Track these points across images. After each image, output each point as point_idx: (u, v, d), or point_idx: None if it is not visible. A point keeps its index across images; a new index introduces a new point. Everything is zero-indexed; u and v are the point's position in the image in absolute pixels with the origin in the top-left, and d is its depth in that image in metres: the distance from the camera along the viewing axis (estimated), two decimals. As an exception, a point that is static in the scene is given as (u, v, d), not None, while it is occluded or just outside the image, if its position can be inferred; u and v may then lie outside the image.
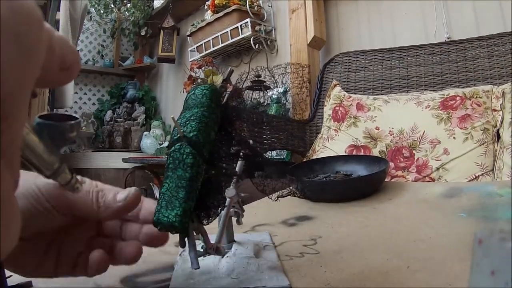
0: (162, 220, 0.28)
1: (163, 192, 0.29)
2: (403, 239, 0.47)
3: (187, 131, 0.30)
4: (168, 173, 0.29)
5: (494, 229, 0.16)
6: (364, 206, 0.67)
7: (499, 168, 0.98)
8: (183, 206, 0.28)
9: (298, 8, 1.79)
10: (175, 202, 0.28)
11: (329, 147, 1.30)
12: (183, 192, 0.28)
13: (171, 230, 0.28)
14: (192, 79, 2.16)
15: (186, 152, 0.29)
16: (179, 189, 0.28)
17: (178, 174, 0.29)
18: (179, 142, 0.30)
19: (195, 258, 0.30)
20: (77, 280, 0.38)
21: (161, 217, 0.28)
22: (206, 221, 0.31)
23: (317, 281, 0.35)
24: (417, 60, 1.38)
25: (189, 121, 0.30)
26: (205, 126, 0.30)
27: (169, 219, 0.28)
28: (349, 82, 1.51)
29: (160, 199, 0.29)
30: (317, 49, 1.82)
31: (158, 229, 0.29)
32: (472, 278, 0.16)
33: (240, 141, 0.34)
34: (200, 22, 2.37)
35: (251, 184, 0.44)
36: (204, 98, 0.32)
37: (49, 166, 0.22)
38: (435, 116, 1.14)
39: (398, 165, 1.12)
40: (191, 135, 0.30)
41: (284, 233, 0.53)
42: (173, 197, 0.28)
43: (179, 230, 0.28)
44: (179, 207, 0.28)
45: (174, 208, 0.28)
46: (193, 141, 0.29)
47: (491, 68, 1.21)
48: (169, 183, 0.29)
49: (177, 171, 0.29)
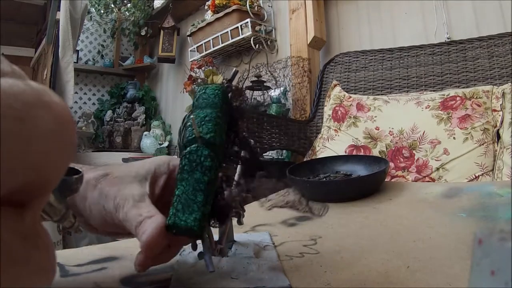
0: (179, 224, 0.27)
1: (179, 195, 0.28)
2: (403, 239, 0.47)
3: (203, 132, 0.29)
4: (183, 175, 0.28)
5: (494, 229, 0.16)
6: (364, 206, 0.67)
7: (499, 168, 0.98)
8: (202, 210, 0.27)
9: (298, 8, 1.79)
10: (194, 206, 0.27)
11: (329, 147, 1.30)
12: (202, 195, 0.27)
13: (188, 234, 0.27)
14: (192, 79, 2.16)
15: (204, 155, 0.28)
16: (197, 193, 0.27)
17: (195, 177, 0.28)
18: (195, 143, 0.29)
19: (210, 261, 0.29)
20: (77, 280, 0.38)
21: (178, 221, 0.27)
22: (218, 225, 0.31)
23: (317, 281, 0.35)
24: (417, 60, 1.38)
25: (204, 122, 0.30)
26: (220, 128, 0.30)
27: (187, 223, 0.27)
28: (349, 82, 1.51)
29: (176, 202, 0.28)
30: (317, 49, 1.82)
31: (174, 233, 0.28)
32: (472, 278, 0.16)
33: (244, 143, 0.34)
34: (200, 22, 2.37)
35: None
36: (217, 98, 0.31)
37: (57, 213, 0.26)
38: (435, 116, 1.14)
39: (398, 165, 1.12)
40: (208, 136, 0.29)
41: (284, 233, 0.53)
42: (191, 200, 0.27)
43: (197, 235, 0.27)
44: (197, 211, 0.27)
45: (193, 212, 0.27)
46: (211, 143, 0.28)
47: (491, 68, 1.21)
48: (185, 186, 0.28)
49: (194, 173, 0.28)
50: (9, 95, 0.12)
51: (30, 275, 0.14)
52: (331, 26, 1.87)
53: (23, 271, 0.14)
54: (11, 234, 0.14)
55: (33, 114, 0.13)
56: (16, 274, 0.14)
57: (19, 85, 0.13)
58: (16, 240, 0.14)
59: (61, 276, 0.39)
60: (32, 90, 0.13)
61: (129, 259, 0.44)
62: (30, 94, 0.13)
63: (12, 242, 0.14)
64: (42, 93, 0.14)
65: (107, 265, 0.42)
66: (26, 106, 0.13)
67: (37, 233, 0.16)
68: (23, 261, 0.14)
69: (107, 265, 0.42)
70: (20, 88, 0.13)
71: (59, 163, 0.15)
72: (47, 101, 0.14)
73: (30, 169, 0.13)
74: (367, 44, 1.70)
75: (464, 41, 1.30)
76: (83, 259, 0.44)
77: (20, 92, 0.13)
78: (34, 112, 0.13)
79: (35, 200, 0.15)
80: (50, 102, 0.14)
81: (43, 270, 0.15)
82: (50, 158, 0.14)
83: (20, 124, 0.12)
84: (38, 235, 0.16)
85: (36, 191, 0.15)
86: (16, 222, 0.14)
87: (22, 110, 0.12)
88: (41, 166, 0.14)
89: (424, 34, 1.53)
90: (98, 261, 0.43)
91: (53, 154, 0.14)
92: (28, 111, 0.13)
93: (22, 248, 0.14)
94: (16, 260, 0.14)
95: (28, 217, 0.15)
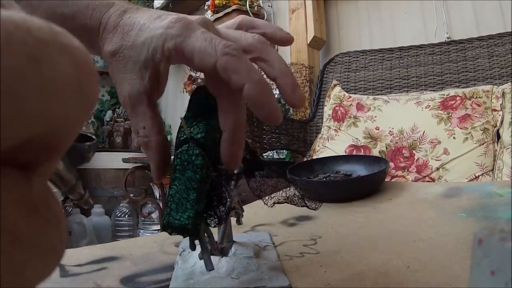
0: (174, 223, 0.27)
1: (172, 195, 0.28)
2: (403, 239, 0.47)
3: (194, 132, 0.29)
4: (175, 175, 0.29)
5: (494, 229, 0.16)
6: (364, 206, 0.67)
7: (499, 168, 0.98)
8: (195, 207, 0.27)
9: (298, 8, 1.79)
10: (186, 204, 0.27)
11: (329, 147, 1.30)
12: (194, 193, 0.28)
13: (183, 232, 0.28)
14: (192, 79, 2.16)
15: (195, 154, 0.28)
16: (189, 191, 0.28)
17: (187, 176, 0.28)
18: (186, 143, 0.29)
19: (209, 260, 0.29)
20: (77, 280, 0.38)
21: (172, 220, 0.27)
22: (214, 224, 0.31)
23: (317, 281, 0.35)
24: (417, 60, 1.38)
25: (196, 123, 0.30)
26: (211, 128, 0.30)
27: (181, 222, 0.27)
28: (349, 82, 1.51)
29: (169, 202, 0.28)
30: (317, 49, 1.82)
31: (169, 232, 0.28)
32: (472, 278, 0.16)
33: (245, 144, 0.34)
34: (200, 22, 2.37)
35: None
36: (210, 99, 0.31)
37: (66, 183, 0.23)
38: (435, 116, 1.14)
39: (398, 165, 1.13)
40: (198, 136, 0.29)
41: (284, 233, 0.53)
42: (183, 199, 0.28)
43: (192, 232, 0.28)
44: (191, 209, 0.27)
45: (186, 211, 0.27)
46: (201, 143, 0.29)
47: (491, 68, 1.21)
48: (177, 185, 0.28)
49: (186, 172, 0.28)
50: (23, 29, 0.10)
51: (38, 258, 0.12)
52: (331, 26, 1.87)
53: (30, 253, 0.12)
54: (15, 206, 0.12)
55: (50, 54, 0.11)
56: (20, 257, 0.11)
57: (33, 21, 0.11)
58: (23, 214, 0.12)
59: (61, 276, 0.39)
60: (50, 28, 0.11)
61: (129, 259, 0.44)
62: (48, 33, 0.11)
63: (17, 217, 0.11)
64: (61, 34, 0.12)
65: (107, 265, 0.42)
66: (42, 44, 0.11)
67: (47, 205, 0.13)
68: (30, 241, 0.12)
69: (107, 265, 0.42)
70: (35, 24, 0.11)
71: (76, 117, 0.13)
72: (67, 44, 0.12)
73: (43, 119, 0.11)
74: (367, 44, 1.70)
75: (464, 41, 1.30)
76: (83, 259, 0.44)
77: (36, 28, 0.11)
78: (51, 52, 0.11)
79: (44, 163, 0.13)
80: (70, 45, 0.12)
81: (53, 250, 0.13)
82: (67, 109, 0.12)
83: (34, 64, 0.10)
84: (48, 207, 0.13)
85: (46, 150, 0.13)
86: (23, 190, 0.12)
87: (37, 48, 0.11)
88: (56, 117, 0.12)
89: (424, 34, 1.53)
90: (98, 261, 0.43)
91: (70, 104, 0.12)
92: (44, 50, 0.11)
93: (29, 225, 0.12)
94: (21, 240, 0.11)
95: (37, 184, 0.13)
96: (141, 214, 2.22)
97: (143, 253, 0.45)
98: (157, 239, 0.51)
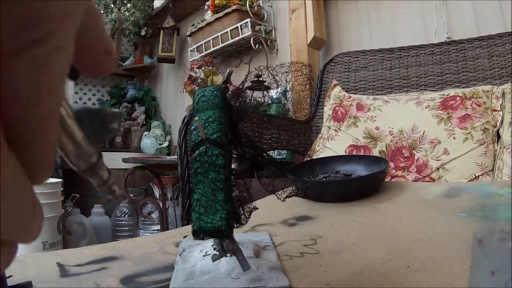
0: (206, 227, 0.26)
1: (198, 199, 0.27)
2: (403, 239, 0.47)
3: (209, 133, 0.29)
4: (198, 178, 0.28)
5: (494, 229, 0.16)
6: (364, 206, 0.67)
7: (499, 168, 0.98)
8: (226, 208, 0.27)
9: (298, 8, 1.79)
10: (216, 205, 0.27)
11: (329, 147, 1.30)
12: (222, 194, 0.27)
13: (217, 235, 0.27)
14: (192, 79, 2.16)
15: (215, 154, 0.28)
16: (217, 192, 0.27)
17: (211, 177, 0.27)
18: (203, 145, 0.28)
19: (245, 260, 0.28)
20: (77, 280, 0.38)
21: (203, 224, 0.26)
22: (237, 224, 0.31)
23: (317, 281, 0.35)
24: (417, 60, 1.38)
25: (208, 123, 0.30)
26: (224, 127, 0.30)
27: (214, 224, 0.26)
28: (349, 82, 1.51)
29: (197, 207, 0.27)
30: (317, 49, 1.82)
31: (201, 237, 0.27)
32: (472, 278, 0.16)
33: (248, 142, 0.34)
34: (200, 22, 2.37)
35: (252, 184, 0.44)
36: (217, 99, 0.31)
37: (87, 158, 0.19)
38: (435, 116, 1.14)
39: (398, 165, 1.12)
40: (214, 136, 0.29)
41: (284, 233, 0.53)
42: (212, 201, 0.27)
43: (227, 233, 0.27)
44: (222, 210, 0.26)
45: (217, 212, 0.26)
46: (218, 142, 0.28)
47: (491, 68, 1.21)
48: (202, 188, 0.27)
49: (209, 174, 0.27)
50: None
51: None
52: (331, 26, 1.87)
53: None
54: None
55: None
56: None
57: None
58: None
59: (61, 276, 0.39)
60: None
61: (129, 259, 0.44)
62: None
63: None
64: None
65: (107, 265, 0.42)
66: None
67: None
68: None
69: (107, 265, 0.42)
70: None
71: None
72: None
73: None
74: (367, 44, 1.70)
75: (464, 41, 1.30)
76: (83, 259, 0.44)
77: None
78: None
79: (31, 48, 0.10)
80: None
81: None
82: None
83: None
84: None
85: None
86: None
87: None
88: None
89: (424, 34, 1.53)
90: (98, 261, 0.43)
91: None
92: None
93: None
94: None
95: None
96: (141, 214, 2.22)
97: (143, 253, 0.45)
98: (157, 239, 0.51)
